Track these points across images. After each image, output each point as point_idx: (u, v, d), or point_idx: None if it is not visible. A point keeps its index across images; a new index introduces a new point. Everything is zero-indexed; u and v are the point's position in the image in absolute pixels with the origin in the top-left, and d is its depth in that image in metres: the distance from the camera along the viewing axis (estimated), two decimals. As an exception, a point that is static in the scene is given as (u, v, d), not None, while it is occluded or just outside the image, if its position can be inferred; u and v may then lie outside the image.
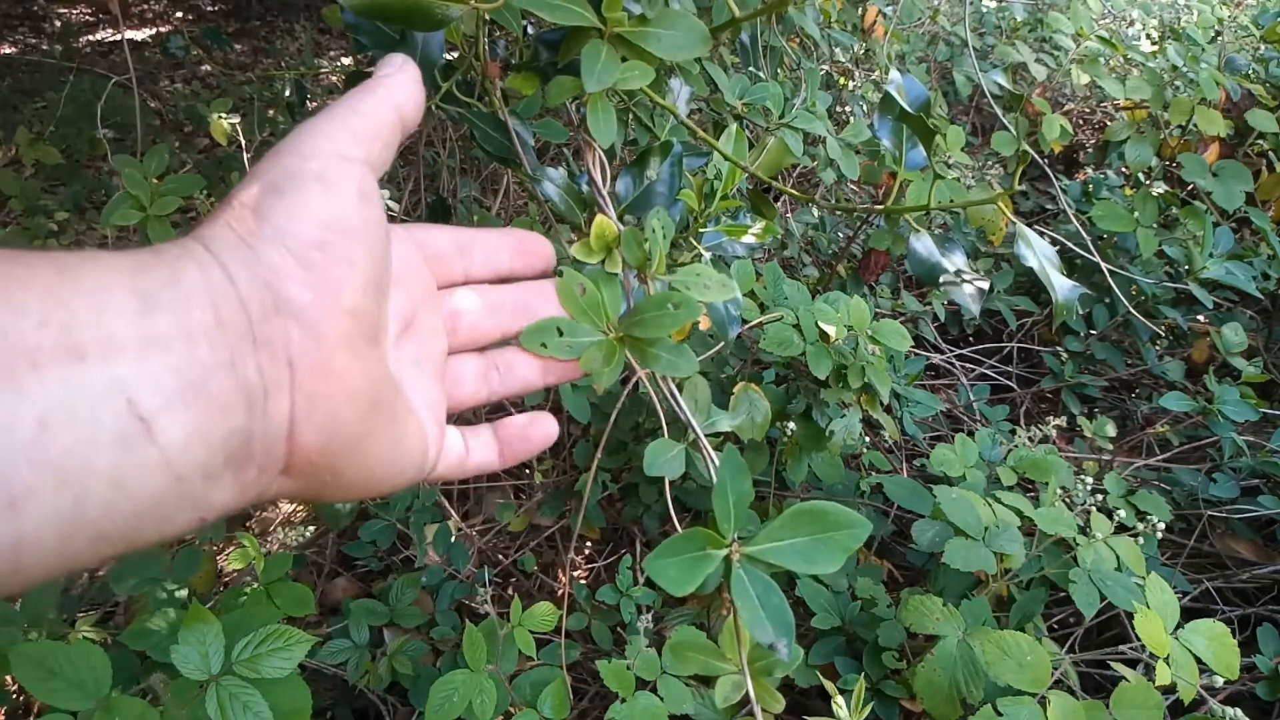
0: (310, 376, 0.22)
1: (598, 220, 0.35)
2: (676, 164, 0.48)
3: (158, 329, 0.19)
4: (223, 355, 0.20)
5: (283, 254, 0.22)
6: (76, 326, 0.18)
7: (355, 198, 0.24)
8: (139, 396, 0.19)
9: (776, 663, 0.31)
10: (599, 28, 0.39)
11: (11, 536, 0.17)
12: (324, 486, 0.25)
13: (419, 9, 0.37)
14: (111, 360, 0.18)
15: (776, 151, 0.82)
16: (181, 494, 0.20)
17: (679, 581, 0.27)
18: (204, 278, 0.21)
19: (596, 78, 0.38)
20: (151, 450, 0.19)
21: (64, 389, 0.17)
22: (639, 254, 0.35)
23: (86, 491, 0.18)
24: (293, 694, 0.67)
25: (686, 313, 0.33)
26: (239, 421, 0.21)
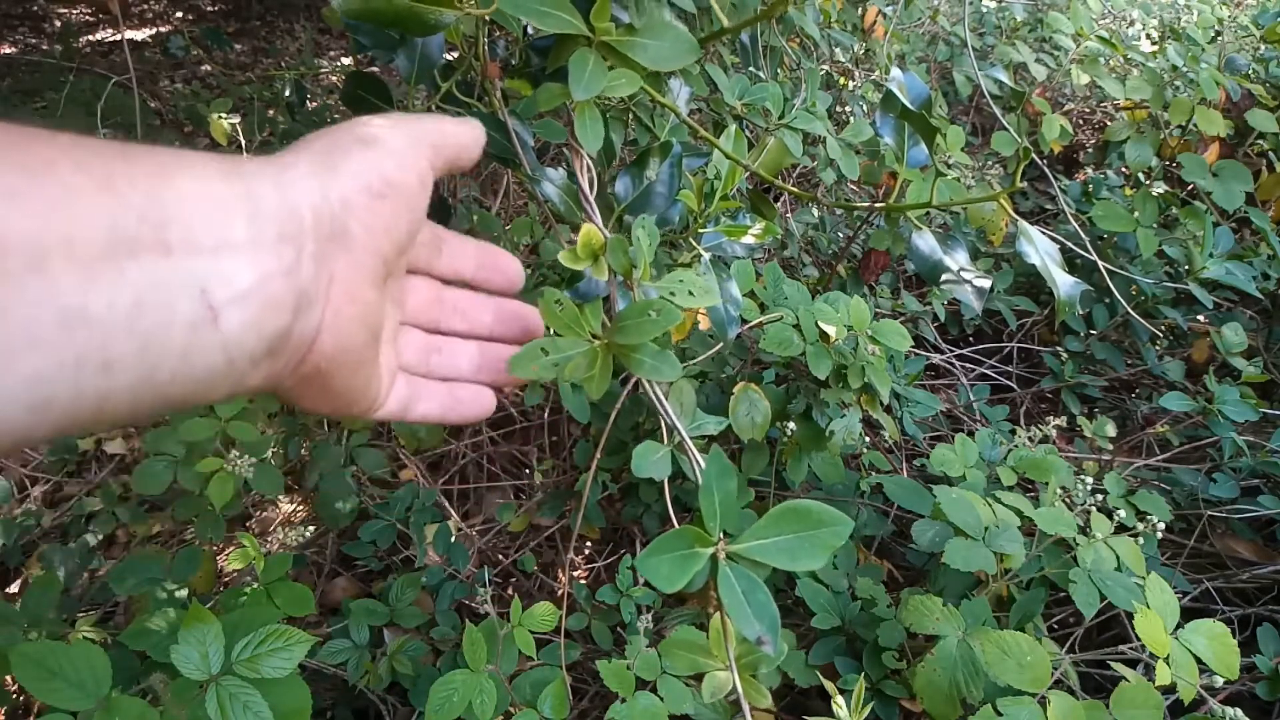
0: (342, 297, 0.27)
1: (584, 228, 0.35)
2: (676, 164, 0.48)
3: (231, 235, 0.23)
4: (284, 264, 0.24)
5: (354, 191, 0.27)
6: (167, 225, 0.22)
7: (417, 179, 0.29)
8: (212, 289, 0.23)
9: (762, 657, 0.32)
10: (587, 36, 0.40)
11: (103, 391, 0.21)
12: (313, 392, 0.29)
13: (411, 14, 0.37)
14: (192, 257, 0.22)
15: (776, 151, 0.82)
16: (229, 373, 0.24)
17: (669, 578, 0.28)
18: (279, 197, 0.25)
19: (584, 86, 0.38)
20: (215, 335, 0.23)
21: (154, 277, 0.21)
22: (624, 261, 0.36)
23: (161, 362, 0.22)
24: (293, 694, 0.67)
25: (666, 318, 0.34)
26: (285, 321, 0.25)
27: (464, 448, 1.40)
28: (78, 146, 0.21)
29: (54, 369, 0.20)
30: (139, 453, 1.45)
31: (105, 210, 0.20)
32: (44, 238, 0.19)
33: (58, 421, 0.20)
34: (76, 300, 0.20)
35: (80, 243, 0.20)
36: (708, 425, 0.41)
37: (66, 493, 1.43)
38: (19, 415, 0.19)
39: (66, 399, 0.20)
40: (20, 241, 0.19)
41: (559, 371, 0.34)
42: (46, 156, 0.20)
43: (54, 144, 0.20)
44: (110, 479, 1.42)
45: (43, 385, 0.19)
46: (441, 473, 1.39)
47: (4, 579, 1.24)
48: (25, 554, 1.19)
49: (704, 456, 0.35)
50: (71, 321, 0.20)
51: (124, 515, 1.15)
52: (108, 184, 0.21)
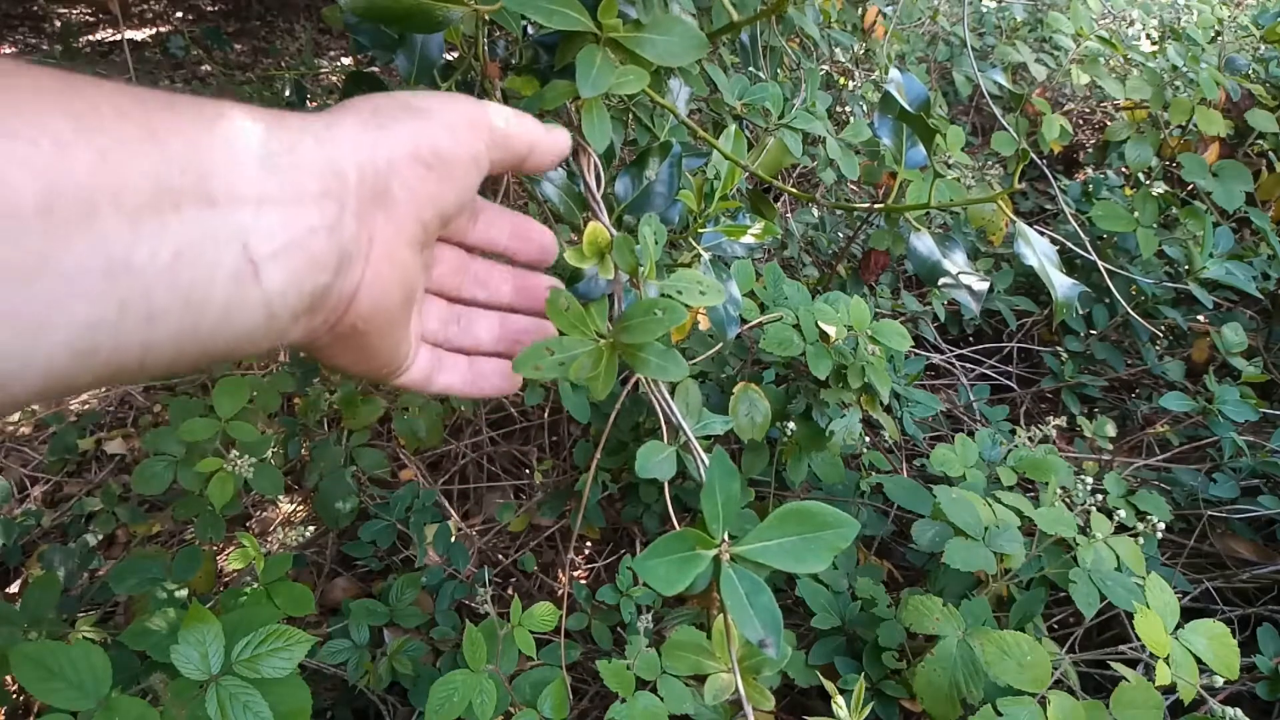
0: (381, 257, 0.27)
1: (590, 226, 0.35)
2: (676, 164, 0.48)
3: (272, 190, 0.23)
4: (326, 220, 0.24)
5: (400, 156, 0.27)
6: (210, 177, 0.22)
7: (470, 156, 0.29)
8: (253, 244, 0.22)
9: (766, 660, 0.32)
10: (595, 32, 0.39)
11: (146, 342, 0.21)
12: (348, 351, 0.29)
13: (418, 11, 0.37)
14: (235, 210, 0.22)
15: (776, 151, 0.82)
16: (269, 328, 0.24)
17: (668, 581, 0.27)
18: (322, 154, 0.25)
19: (592, 83, 0.38)
20: (256, 290, 0.23)
21: (197, 229, 0.21)
22: (630, 260, 0.35)
23: (203, 315, 0.22)
24: (293, 694, 0.67)
25: (672, 317, 0.34)
26: (326, 278, 0.25)
27: (464, 448, 1.40)
28: (123, 94, 0.21)
29: (99, 318, 0.20)
30: (139, 453, 1.45)
31: (151, 161, 0.20)
32: (93, 188, 0.19)
33: (100, 371, 0.21)
34: (122, 251, 0.20)
35: (127, 194, 0.20)
36: (714, 425, 0.41)
37: (66, 493, 1.43)
38: (64, 363, 0.20)
39: (110, 349, 0.20)
40: (71, 191, 0.19)
41: (564, 371, 0.34)
42: (95, 105, 0.20)
43: (101, 91, 0.21)
44: (110, 479, 1.42)
45: (89, 333, 0.20)
46: (441, 473, 1.40)
47: (4, 579, 1.24)
48: (25, 554, 1.19)
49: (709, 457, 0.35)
50: (117, 272, 0.20)
51: (124, 515, 1.15)
52: (152, 134, 0.21)
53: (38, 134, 0.18)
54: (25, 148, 0.18)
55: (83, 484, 1.43)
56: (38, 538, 1.28)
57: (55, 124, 0.19)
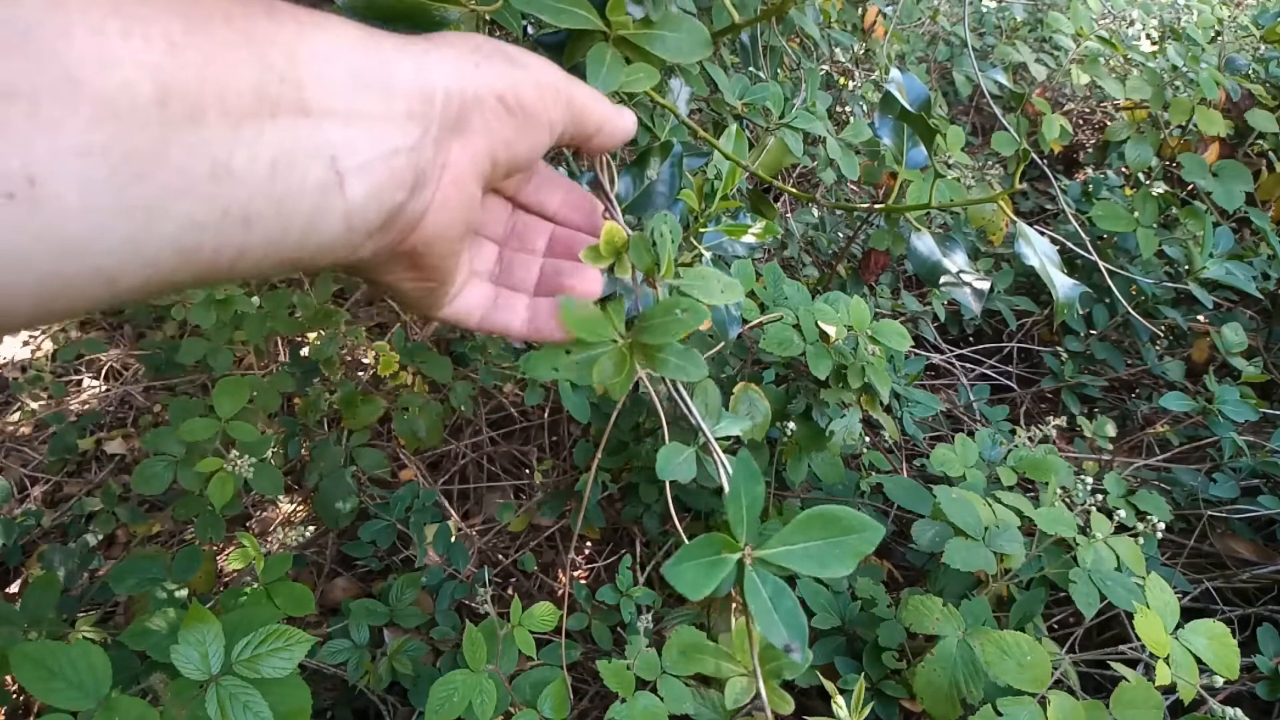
0: (451, 184, 0.28)
1: (607, 226, 0.35)
2: (677, 164, 0.48)
3: (363, 106, 0.24)
4: (409, 141, 0.25)
5: (487, 94, 0.27)
6: (305, 86, 0.22)
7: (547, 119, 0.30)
8: (340, 155, 0.23)
9: (788, 664, 0.32)
10: (604, 31, 0.39)
11: (240, 245, 0.22)
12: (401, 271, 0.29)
13: (417, 9, 0.37)
14: (326, 121, 0.23)
15: (776, 151, 0.82)
16: (347, 241, 0.25)
17: (695, 585, 0.27)
18: (415, 79, 0.25)
19: (602, 81, 0.38)
20: (340, 201, 0.24)
21: (291, 138, 0.22)
22: (648, 259, 0.35)
23: (291, 223, 0.23)
24: (293, 694, 0.66)
25: (694, 317, 0.34)
26: (402, 197, 0.26)
27: (464, 448, 1.40)
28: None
29: (204, 218, 0.20)
30: (139, 453, 1.45)
31: (252, 69, 0.21)
32: (201, 90, 0.20)
33: (199, 270, 0.21)
34: (225, 153, 0.20)
35: (231, 98, 0.20)
36: (732, 426, 0.41)
37: (66, 493, 1.43)
38: (169, 259, 0.20)
39: (211, 248, 0.21)
40: (179, 92, 0.19)
41: (583, 373, 0.34)
42: (202, 5, 0.21)
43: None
44: (110, 479, 1.42)
45: (193, 232, 0.20)
46: (441, 473, 1.39)
47: (4, 579, 1.24)
48: (25, 554, 1.19)
49: (729, 458, 0.35)
50: (220, 173, 0.20)
51: (124, 515, 1.15)
52: (253, 41, 0.21)
53: (153, 32, 0.19)
54: (141, 45, 0.19)
55: (83, 484, 1.43)
56: (38, 538, 1.28)
57: (168, 25, 0.19)
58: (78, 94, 0.18)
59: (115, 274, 0.20)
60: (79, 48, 0.18)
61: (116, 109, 0.18)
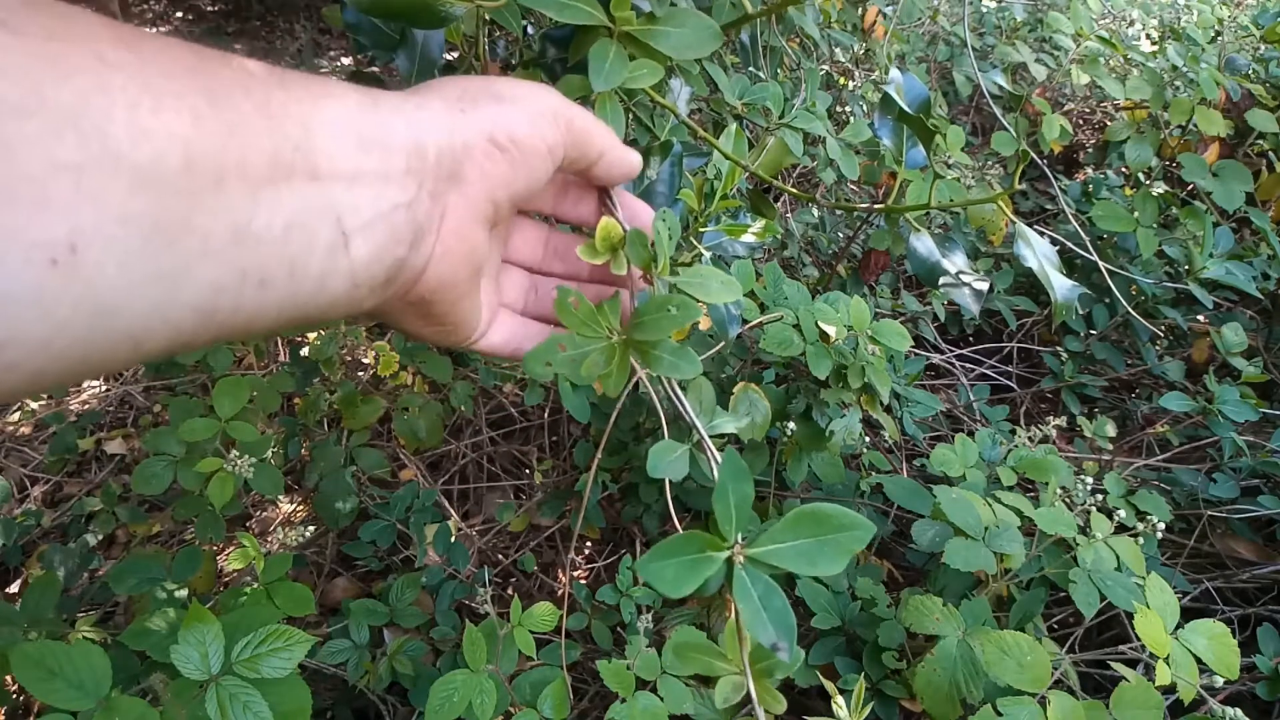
0: (451, 233, 0.28)
1: (603, 221, 0.35)
2: (677, 164, 0.48)
3: (365, 166, 0.25)
4: (407, 197, 0.26)
5: (478, 140, 0.28)
6: (316, 152, 0.23)
7: (545, 146, 0.30)
8: (345, 217, 0.24)
9: (778, 664, 0.31)
10: (608, 26, 0.39)
11: (256, 306, 0.23)
12: (415, 322, 0.31)
13: (422, 6, 0.37)
14: (334, 185, 0.24)
15: (776, 151, 0.82)
16: (351, 297, 0.26)
17: (676, 583, 0.27)
18: (409, 134, 0.26)
19: (605, 77, 0.38)
20: (345, 261, 0.25)
21: (303, 202, 0.23)
22: (645, 255, 0.35)
23: (303, 283, 0.24)
24: (293, 694, 0.66)
25: (686, 314, 0.33)
26: (402, 252, 0.27)
27: (464, 448, 1.40)
28: (245, 72, 0.23)
29: (225, 281, 0.22)
30: (139, 453, 1.45)
31: (268, 137, 0.22)
32: (223, 159, 0.21)
33: (216, 332, 0.22)
34: (245, 217, 0.21)
35: (249, 166, 0.22)
36: (725, 424, 0.41)
37: (66, 493, 1.43)
38: (190, 321, 0.21)
39: (228, 310, 0.22)
40: (204, 161, 0.20)
41: (576, 368, 0.34)
42: (224, 81, 0.22)
43: (228, 68, 0.22)
44: (110, 479, 1.42)
45: (213, 294, 0.21)
46: (441, 473, 1.39)
47: (4, 579, 1.24)
48: (25, 554, 1.19)
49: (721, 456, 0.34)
50: (241, 237, 0.22)
51: (124, 515, 1.15)
52: (269, 111, 0.22)
53: (181, 105, 0.20)
54: (172, 118, 0.20)
55: (83, 484, 1.43)
56: (38, 538, 1.28)
57: (193, 98, 0.21)
58: (119, 165, 0.19)
59: (142, 337, 0.20)
60: (119, 123, 0.19)
61: (150, 178, 0.19)
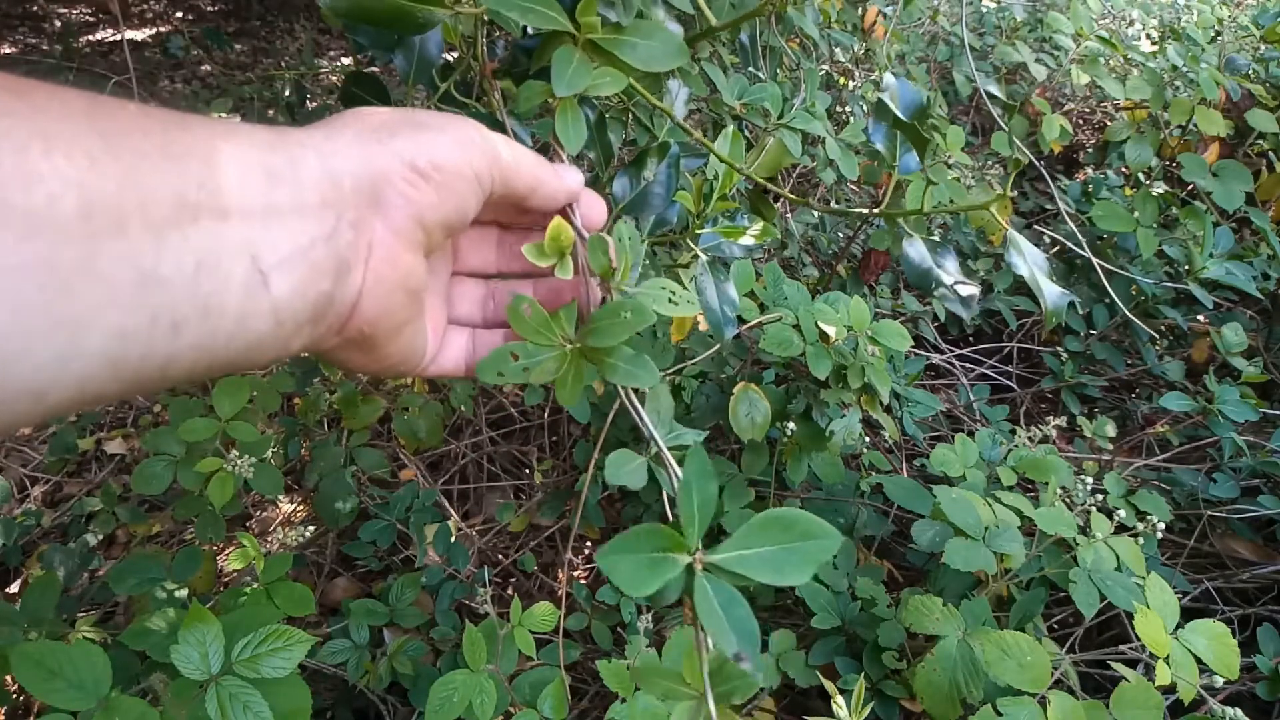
0: (381, 262, 0.28)
1: (554, 223, 0.34)
2: (674, 165, 0.48)
3: (278, 201, 0.24)
4: (325, 230, 0.25)
5: (395, 166, 0.27)
6: (223, 192, 0.23)
7: (471, 172, 0.29)
8: (261, 254, 0.24)
9: (739, 686, 0.29)
10: (572, 33, 0.39)
11: (169, 352, 0.22)
12: (358, 354, 0.30)
13: (401, 13, 0.37)
14: (245, 222, 0.23)
15: (775, 152, 0.82)
16: (276, 336, 0.25)
17: (634, 581, 0.25)
18: (321, 166, 0.26)
19: (567, 82, 0.38)
20: (265, 299, 0.24)
21: (214, 241, 0.22)
22: (604, 261, 0.35)
23: (219, 325, 0.23)
24: (293, 694, 0.67)
25: (638, 320, 0.32)
26: (327, 286, 0.26)
27: (464, 448, 1.40)
28: (144, 114, 0.22)
29: (133, 327, 0.21)
30: (139, 453, 1.45)
31: (171, 177, 0.22)
32: (123, 201, 0.20)
33: (128, 382, 0.22)
34: (151, 261, 0.21)
35: (152, 207, 0.21)
36: (685, 437, 0.40)
37: (66, 493, 1.43)
38: (98, 371, 0.20)
39: (138, 357, 0.21)
40: (103, 204, 0.20)
41: (528, 376, 0.33)
42: (120, 124, 0.21)
43: (125, 111, 0.22)
44: (110, 479, 1.42)
45: (121, 342, 0.21)
46: (441, 473, 1.40)
47: (4, 579, 1.24)
48: (25, 554, 1.19)
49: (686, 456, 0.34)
50: (148, 281, 0.21)
51: (124, 515, 1.15)
52: (170, 152, 0.22)
53: (74, 150, 0.20)
54: (64, 163, 0.19)
55: (83, 484, 1.43)
56: (38, 538, 1.28)
57: (88, 141, 0.20)
58: (7, 213, 0.18)
59: (44, 390, 0.20)
60: (6, 168, 0.18)
61: (43, 224, 0.19)
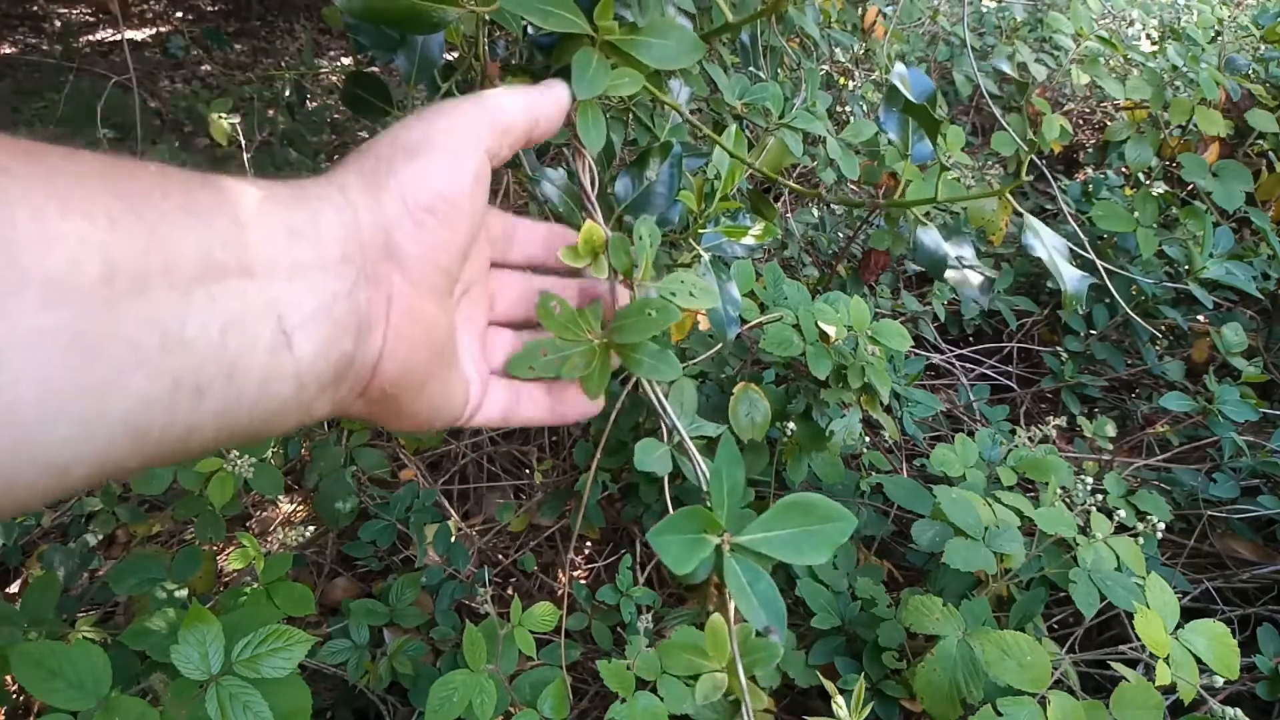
0: (402, 317, 0.26)
1: (586, 226, 0.36)
2: (676, 164, 0.48)
3: (301, 258, 0.24)
4: (345, 285, 0.25)
5: (401, 209, 0.26)
6: (248, 249, 0.22)
7: (471, 179, 0.28)
8: (286, 313, 0.23)
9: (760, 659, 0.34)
10: (591, 35, 0.39)
11: (193, 419, 0.21)
12: (385, 414, 0.29)
13: (415, 12, 0.37)
14: (270, 280, 0.23)
15: (776, 151, 0.82)
16: (299, 400, 0.24)
17: (679, 558, 0.28)
18: (338, 219, 0.25)
19: (587, 84, 0.38)
20: (289, 360, 0.23)
21: (240, 302, 0.22)
22: (625, 260, 0.36)
23: (244, 390, 0.22)
24: (293, 694, 0.67)
25: (664, 317, 0.34)
26: (349, 346, 0.25)
27: (464, 448, 1.40)
28: (163, 174, 0.22)
29: (156, 393, 0.20)
30: (139, 453, 1.45)
31: (196, 236, 0.21)
32: (146, 262, 0.20)
33: (152, 450, 0.21)
34: (175, 323, 0.20)
35: (177, 267, 0.20)
36: (706, 428, 0.41)
37: (66, 493, 1.42)
38: (121, 441, 0.19)
39: (161, 424, 0.20)
40: (125, 265, 0.19)
41: (558, 371, 0.34)
42: (140, 184, 0.21)
43: (145, 172, 0.21)
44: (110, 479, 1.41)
45: (144, 409, 0.20)
46: (441, 473, 1.39)
47: (4, 579, 1.24)
48: (25, 554, 1.19)
49: (704, 459, 0.35)
50: (171, 344, 0.20)
51: (124, 515, 1.15)
52: (194, 210, 0.21)
53: (94, 210, 0.19)
54: (83, 223, 0.19)
55: (83, 484, 1.43)
56: (38, 538, 1.28)
57: (108, 204, 0.19)
58: (24, 277, 0.17)
59: (68, 464, 0.19)
60: (22, 231, 0.17)
61: (63, 288, 0.18)
